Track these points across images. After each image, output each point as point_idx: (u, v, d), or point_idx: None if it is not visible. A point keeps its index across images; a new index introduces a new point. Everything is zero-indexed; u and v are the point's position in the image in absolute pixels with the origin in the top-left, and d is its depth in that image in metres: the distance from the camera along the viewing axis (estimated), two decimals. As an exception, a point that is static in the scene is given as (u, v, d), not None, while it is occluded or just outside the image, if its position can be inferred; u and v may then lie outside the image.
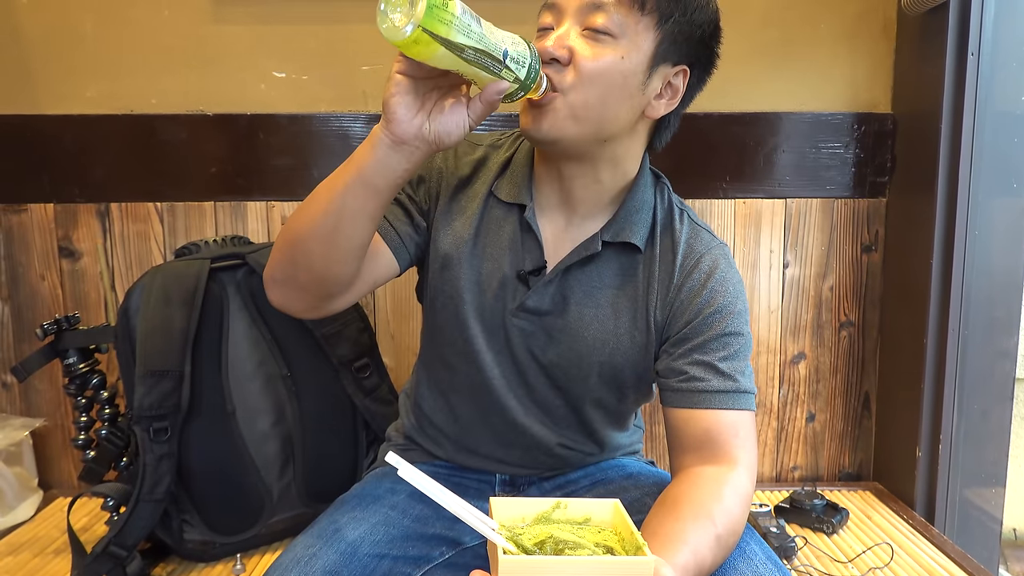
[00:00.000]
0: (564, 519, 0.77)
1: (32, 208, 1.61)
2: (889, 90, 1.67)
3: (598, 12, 0.89)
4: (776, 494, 1.66)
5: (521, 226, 1.02)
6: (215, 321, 1.32)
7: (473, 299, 1.02)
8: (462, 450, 1.11)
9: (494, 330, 1.03)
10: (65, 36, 1.59)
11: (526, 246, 1.01)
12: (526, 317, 1.01)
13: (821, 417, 1.75)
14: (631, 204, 1.00)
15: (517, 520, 0.76)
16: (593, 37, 0.89)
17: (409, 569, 0.97)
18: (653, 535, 0.81)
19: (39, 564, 1.36)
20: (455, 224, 1.03)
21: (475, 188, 1.05)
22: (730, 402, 0.94)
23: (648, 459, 1.25)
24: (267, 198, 1.63)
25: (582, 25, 0.90)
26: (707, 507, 0.86)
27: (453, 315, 1.03)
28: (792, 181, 1.67)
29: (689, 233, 1.02)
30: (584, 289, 1.01)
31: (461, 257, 1.02)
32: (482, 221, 1.03)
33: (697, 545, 0.81)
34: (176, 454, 1.28)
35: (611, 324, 1.01)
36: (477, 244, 1.03)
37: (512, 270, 1.01)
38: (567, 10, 0.91)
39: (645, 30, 0.90)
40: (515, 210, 1.02)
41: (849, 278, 1.71)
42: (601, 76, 0.89)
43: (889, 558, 1.38)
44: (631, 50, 0.90)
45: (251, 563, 1.35)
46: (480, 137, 1.10)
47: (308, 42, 1.61)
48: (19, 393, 1.66)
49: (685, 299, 0.98)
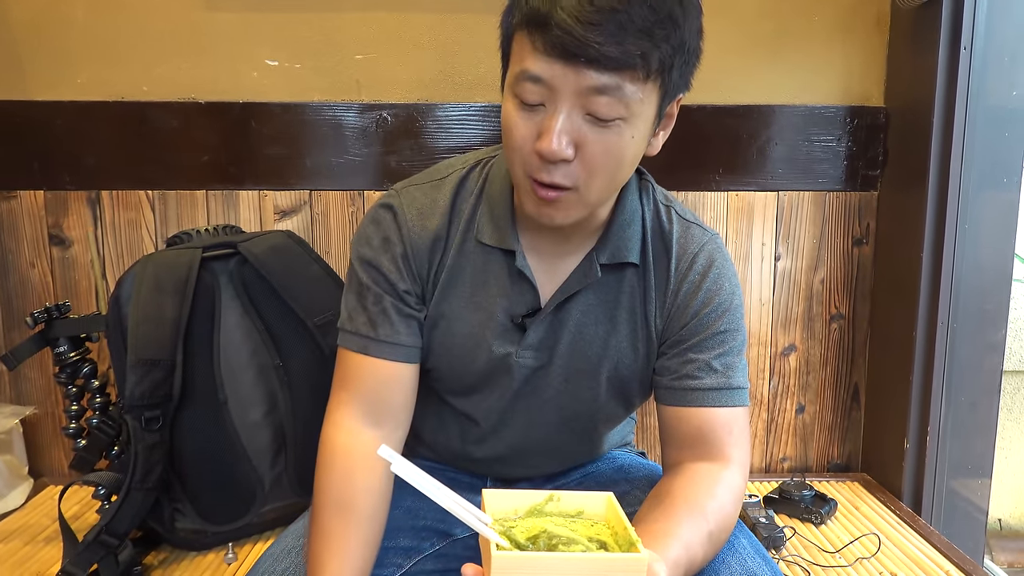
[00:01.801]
0: (557, 512, 0.76)
1: (22, 195, 1.60)
2: (882, 83, 1.67)
3: (601, 96, 0.77)
4: (765, 485, 1.67)
5: (510, 272, 0.95)
6: (207, 310, 1.32)
7: (468, 352, 0.97)
8: (456, 459, 1.10)
9: (496, 377, 0.98)
10: (56, 22, 1.57)
11: (518, 291, 0.95)
12: (527, 354, 0.97)
13: (811, 409, 1.76)
14: (621, 219, 0.94)
15: (509, 512, 0.76)
16: (599, 124, 0.79)
17: (400, 560, 0.97)
18: (646, 530, 0.81)
19: (30, 552, 1.36)
20: (440, 282, 0.96)
21: (452, 239, 0.96)
22: (724, 399, 0.93)
23: (639, 450, 1.26)
24: (259, 187, 1.62)
25: (583, 110, 0.78)
26: (700, 503, 0.86)
27: (447, 368, 0.99)
28: (784, 174, 1.68)
29: (680, 232, 0.97)
30: (581, 310, 0.97)
31: (452, 314, 0.96)
32: (466, 272, 0.96)
33: (689, 541, 0.81)
34: (168, 443, 1.27)
35: (612, 339, 0.97)
36: (465, 298, 0.96)
37: (506, 317, 0.96)
38: (562, 92, 0.77)
39: (648, 96, 0.80)
40: (499, 253, 0.95)
41: (840, 271, 1.72)
42: (613, 163, 0.82)
43: (876, 548, 1.40)
44: (639, 124, 0.81)
45: (243, 552, 1.36)
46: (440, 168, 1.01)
47: (301, 30, 1.59)
48: (9, 381, 1.66)
49: (682, 302, 0.95)
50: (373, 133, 1.61)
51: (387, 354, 0.93)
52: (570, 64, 0.76)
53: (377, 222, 0.95)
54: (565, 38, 0.74)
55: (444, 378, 1.00)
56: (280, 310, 1.35)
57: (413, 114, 1.61)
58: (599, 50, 0.74)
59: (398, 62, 1.61)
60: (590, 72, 0.76)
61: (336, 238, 1.65)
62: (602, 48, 0.74)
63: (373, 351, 0.93)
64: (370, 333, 0.93)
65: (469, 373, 0.98)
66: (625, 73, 0.76)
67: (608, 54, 0.74)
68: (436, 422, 1.07)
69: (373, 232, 0.95)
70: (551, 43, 0.75)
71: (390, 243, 0.94)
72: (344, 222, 1.64)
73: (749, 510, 1.44)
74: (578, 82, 0.76)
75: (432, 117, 1.61)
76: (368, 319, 0.93)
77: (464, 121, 1.62)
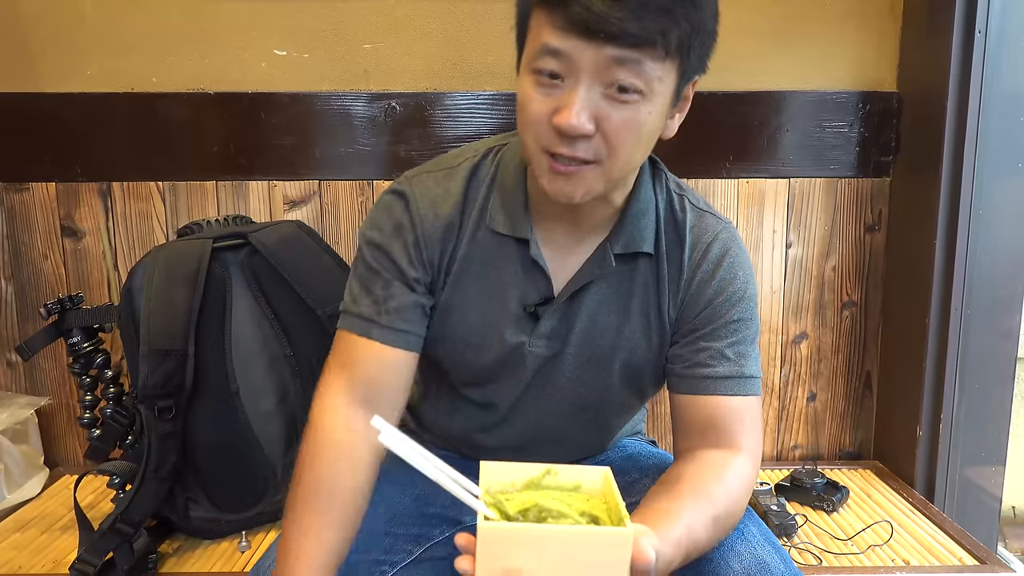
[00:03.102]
0: (554, 486, 0.75)
1: (34, 187, 1.61)
2: (895, 68, 1.65)
3: (621, 69, 0.77)
4: (777, 473, 1.67)
5: (523, 261, 0.94)
6: (218, 301, 1.32)
7: (481, 341, 0.97)
8: (467, 449, 1.10)
9: (508, 366, 0.98)
10: (66, 14, 1.57)
11: (531, 280, 0.95)
12: (540, 343, 0.97)
13: (822, 396, 1.75)
14: (636, 207, 0.94)
15: (507, 485, 0.74)
16: (619, 99, 0.79)
17: (409, 547, 0.97)
18: (649, 510, 0.81)
19: (47, 540, 1.37)
20: (452, 272, 0.96)
21: (464, 227, 0.96)
22: (736, 387, 0.92)
23: (649, 438, 1.25)
24: (269, 178, 1.63)
25: (603, 84, 0.78)
26: (707, 487, 0.85)
27: (459, 357, 0.99)
28: (796, 160, 1.66)
29: (694, 221, 0.97)
30: (595, 299, 0.96)
31: (464, 304, 0.96)
32: (478, 260, 0.95)
33: (692, 522, 0.80)
34: (181, 433, 1.28)
35: (626, 329, 0.97)
36: (478, 287, 0.96)
37: (519, 306, 0.95)
38: (581, 65, 0.77)
39: (667, 74, 0.80)
40: (512, 242, 0.95)
41: (852, 258, 1.71)
42: (633, 138, 0.82)
43: (889, 536, 1.39)
44: (657, 101, 0.81)
45: (256, 540, 1.37)
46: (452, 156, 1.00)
47: (309, 20, 1.59)
48: (24, 372, 1.67)
49: (696, 291, 0.95)
50: (382, 122, 1.61)
51: (390, 339, 0.92)
52: (591, 39, 0.76)
53: (389, 209, 0.94)
54: (585, 14, 0.74)
55: (456, 367, 1.00)
56: (290, 300, 1.35)
57: (422, 103, 1.61)
58: (620, 26, 0.74)
59: (406, 51, 1.61)
60: (610, 48, 0.76)
61: (346, 228, 1.65)
62: (623, 24, 0.74)
63: (376, 335, 0.91)
64: (375, 317, 0.92)
65: (481, 362, 0.98)
66: (645, 49, 0.77)
67: (629, 30, 0.75)
68: (447, 412, 1.07)
69: (384, 218, 0.94)
70: (571, 19, 0.75)
71: (402, 229, 0.93)
72: (353, 212, 1.64)
73: (761, 498, 1.43)
74: (598, 57, 0.76)
75: (441, 106, 1.61)
76: (373, 302, 0.92)
77: (473, 110, 1.61)
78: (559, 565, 0.63)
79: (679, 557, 0.78)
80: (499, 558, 0.63)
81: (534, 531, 0.65)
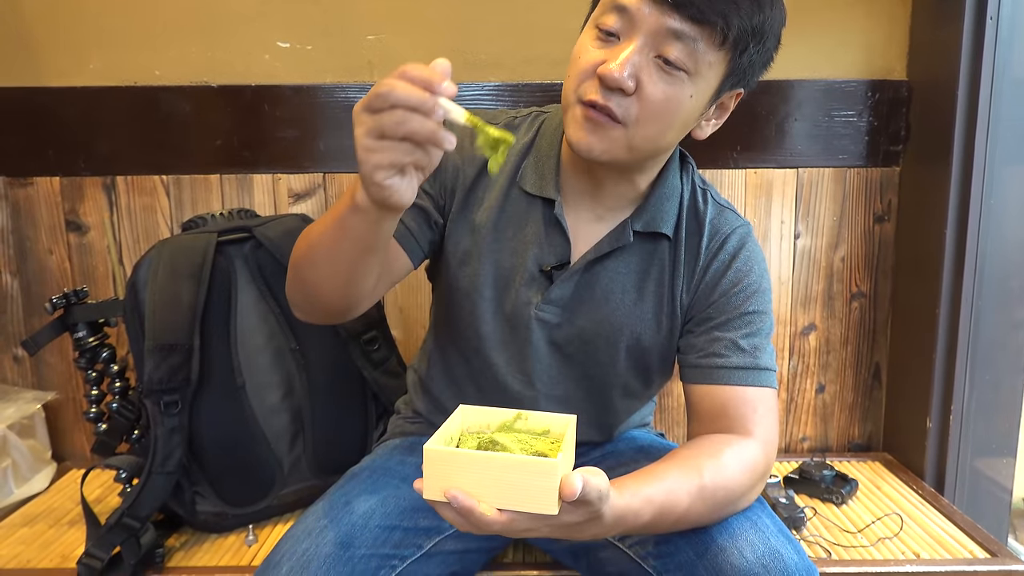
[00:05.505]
0: (525, 429, 0.83)
1: (38, 182, 1.61)
2: (905, 56, 1.63)
3: (677, 41, 0.81)
4: (785, 465, 1.66)
5: (547, 220, 0.98)
6: (223, 295, 1.32)
7: (493, 296, 0.99)
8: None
9: (515, 326, 1.00)
10: (67, 8, 1.56)
11: (551, 241, 0.98)
12: (549, 309, 0.99)
13: (831, 388, 1.74)
14: (661, 192, 0.97)
15: (483, 427, 0.82)
16: (665, 70, 0.83)
17: (420, 540, 0.97)
18: (635, 472, 0.82)
19: (54, 535, 1.37)
20: (474, 217, 0.99)
21: (496, 181, 1.00)
22: (750, 378, 0.93)
23: (658, 431, 1.25)
24: (273, 171, 1.62)
25: (655, 50, 0.82)
26: (697, 459, 0.86)
27: (469, 312, 1.01)
28: (804, 150, 1.65)
29: (714, 214, 1.00)
30: (610, 275, 0.98)
31: (481, 252, 0.99)
32: (503, 212, 0.99)
33: (673, 486, 0.81)
34: (187, 427, 1.28)
35: (637, 309, 0.99)
36: (498, 237, 0.99)
37: (535, 265, 0.98)
38: (641, 26, 0.82)
39: (717, 63, 0.84)
40: (539, 202, 0.98)
41: (861, 248, 1.69)
42: (667, 114, 0.84)
43: (899, 528, 1.38)
44: (700, 87, 0.85)
45: (263, 534, 1.37)
46: (493, 115, 1.06)
47: (312, 12, 1.58)
48: (30, 367, 1.67)
49: (711, 280, 0.97)
50: (386, 114, 1.60)
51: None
52: (657, 3, 0.81)
53: None
54: None
55: (465, 324, 1.01)
56: (296, 293, 1.35)
57: (426, 95, 1.59)
58: None
59: (410, 42, 1.60)
60: (674, 16, 0.80)
61: (351, 221, 1.64)
62: None
63: None
64: None
65: (491, 319, 1.00)
66: (704, 28, 0.81)
67: (695, 2, 0.78)
68: (454, 385, 1.09)
69: None
70: None
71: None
72: (359, 205, 1.63)
73: (769, 490, 1.42)
74: (659, 21, 0.81)
75: (446, 97, 1.60)
76: None
77: (478, 101, 1.60)
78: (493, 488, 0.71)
79: (649, 513, 0.78)
80: (440, 478, 0.72)
81: (468, 456, 0.73)
